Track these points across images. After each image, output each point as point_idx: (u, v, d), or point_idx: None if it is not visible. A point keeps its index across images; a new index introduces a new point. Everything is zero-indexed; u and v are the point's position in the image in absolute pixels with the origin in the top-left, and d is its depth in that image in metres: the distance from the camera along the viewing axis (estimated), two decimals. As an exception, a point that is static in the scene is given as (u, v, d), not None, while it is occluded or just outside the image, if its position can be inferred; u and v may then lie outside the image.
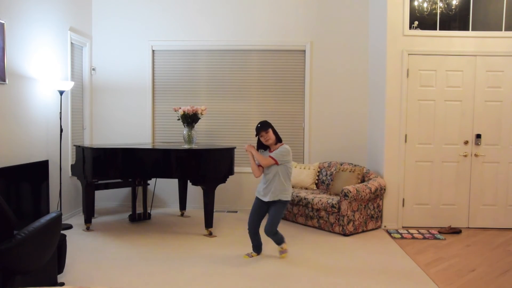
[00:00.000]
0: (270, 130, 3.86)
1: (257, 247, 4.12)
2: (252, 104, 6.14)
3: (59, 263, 3.28)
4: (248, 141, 6.12)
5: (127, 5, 6.09)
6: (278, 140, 3.91)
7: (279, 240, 4.02)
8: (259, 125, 3.88)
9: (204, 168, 4.69)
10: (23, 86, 4.48)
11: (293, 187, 5.64)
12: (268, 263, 3.93)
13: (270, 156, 3.86)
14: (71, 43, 5.48)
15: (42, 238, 2.76)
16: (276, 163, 3.83)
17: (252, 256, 4.08)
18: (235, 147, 5.08)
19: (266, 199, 3.92)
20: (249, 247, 4.16)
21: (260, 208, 4.00)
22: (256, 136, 3.93)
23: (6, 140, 4.19)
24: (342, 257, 4.13)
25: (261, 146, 3.96)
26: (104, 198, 6.08)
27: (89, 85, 6.03)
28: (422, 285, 3.46)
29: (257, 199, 4.03)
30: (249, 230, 4.07)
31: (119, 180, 5.38)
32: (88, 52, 5.99)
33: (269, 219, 3.94)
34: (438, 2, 5.14)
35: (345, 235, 4.82)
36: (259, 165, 3.94)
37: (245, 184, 6.14)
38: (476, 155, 5.20)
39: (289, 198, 3.96)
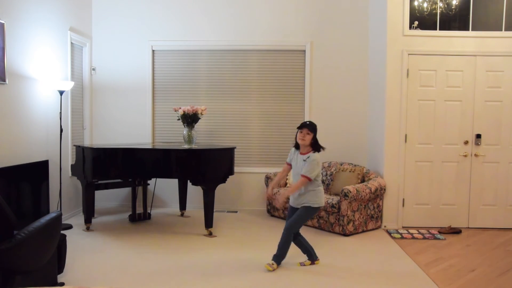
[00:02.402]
0: (312, 135, 3.70)
1: (307, 252, 3.96)
2: (252, 104, 6.14)
3: (59, 263, 3.28)
4: (248, 141, 6.16)
5: (127, 5, 6.09)
6: (314, 148, 3.74)
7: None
8: (307, 122, 3.72)
9: (204, 168, 4.69)
10: (23, 86, 4.48)
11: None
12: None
13: (303, 175, 3.68)
14: (71, 43, 5.48)
15: (42, 238, 2.76)
16: (309, 180, 3.67)
17: (305, 265, 3.92)
18: (235, 147, 5.08)
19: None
20: (248, 247, 4.15)
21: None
22: (297, 128, 3.76)
23: (6, 140, 4.19)
24: (342, 257, 4.13)
25: (296, 145, 3.82)
26: (104, 198, 6.08)
27: (89, 85, 6.03)
28: (422, 285, 3.46)
29: None
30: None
31: (119, 180, 5.38)
32: (88, 52, 5.99)
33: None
34: (438, 2, 5.14)
35: (345, 235, 4.82)
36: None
37: (245, 184, 6.13)
38: (476, 155, 5.20)
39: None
